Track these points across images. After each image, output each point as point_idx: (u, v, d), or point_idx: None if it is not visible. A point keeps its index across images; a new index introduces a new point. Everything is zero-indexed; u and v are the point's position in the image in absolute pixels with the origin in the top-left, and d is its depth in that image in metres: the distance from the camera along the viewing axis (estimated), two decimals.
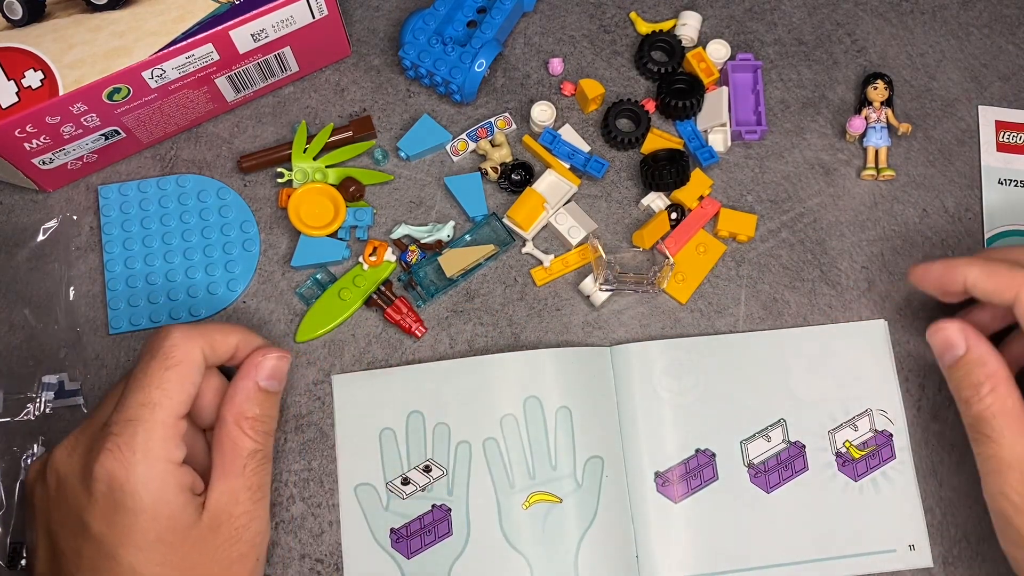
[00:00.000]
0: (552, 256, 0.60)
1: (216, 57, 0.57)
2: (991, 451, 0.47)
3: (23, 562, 0.54)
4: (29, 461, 0.56)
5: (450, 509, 0.55)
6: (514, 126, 0.63)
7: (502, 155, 0.61)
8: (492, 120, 0.63)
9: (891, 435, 0.57)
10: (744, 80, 0.63)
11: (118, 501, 0.44)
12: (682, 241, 0.60)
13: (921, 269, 0.51)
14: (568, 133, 0.62)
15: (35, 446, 0.56)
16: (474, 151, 0.62)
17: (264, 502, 0.48)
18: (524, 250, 0.60)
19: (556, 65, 0.64)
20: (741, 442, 0.56)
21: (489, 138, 0.62)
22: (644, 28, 0.65)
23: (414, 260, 0.59)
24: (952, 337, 0.48)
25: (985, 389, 0.47)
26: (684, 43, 0.64)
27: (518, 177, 0.61)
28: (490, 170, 0.61)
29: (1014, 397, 0.47)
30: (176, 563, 0.45)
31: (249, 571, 0.48)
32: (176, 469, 0.45)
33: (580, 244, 0.60)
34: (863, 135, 0.62)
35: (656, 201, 0.61)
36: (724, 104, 0.62)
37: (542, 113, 0.62)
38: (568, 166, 0.61)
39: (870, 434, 0.57)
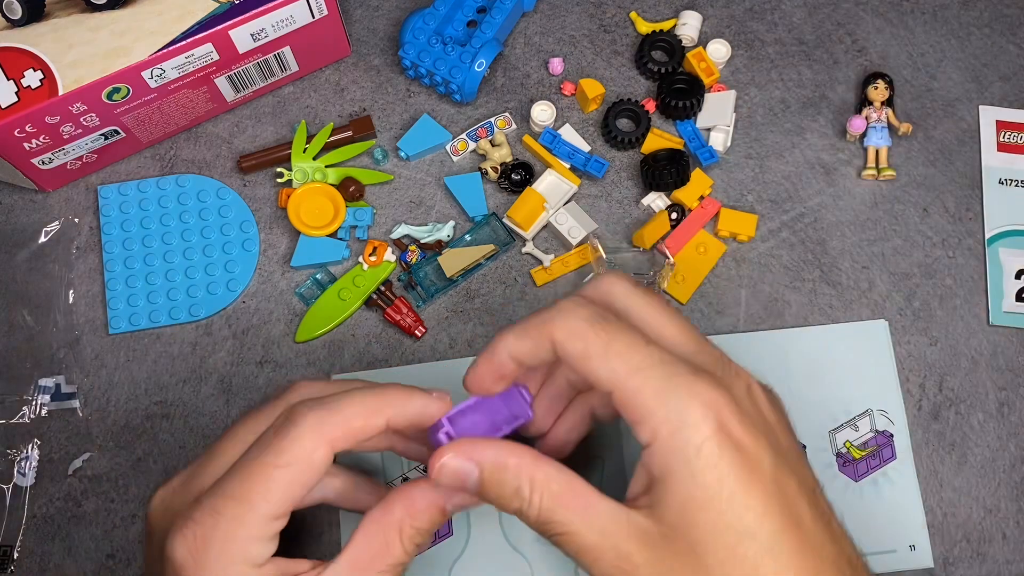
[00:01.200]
0: (552, 256, 0.60)
1: (216, 57, 0.57)
2: (575, 545, 0.39)
3: (12, 567, 0.54)
4: (23, 464, 0.56)
5: None
6: (514, 126, 0.63)
7: (502, 155, 0.61)
8: (492, 120, 0.62)
9: (892, 435, 0.57)
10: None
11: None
12: (682, 241, 0.60)
13: (472, 371, 0.43)
14: (568, 133, 0.62)
15: (29, 449, 0.56)
16: (474, 151, 0.62)
17: None
18: (524, 250, 0.60)
19: (556, 65, 0.64)
20: None
21: (489, 138, 0.62)
22: (644, 28, 0.65)
23: (414, 260, 0.59)
24: (452, 467, 0.40)
25: (526, 490, 0.39)
26: (684, 43, 0.64)
27: (518, 177, 0.61)
28: (490, 170, 0.61)
29: (560, 473, 0.40)
30: None
31: None
32: (255, 571, 0.40)
33: (580, 244, 0.60)
34: (864, 135, 0.62)
35: (656, 201, 0.61)
36: (726, 105, 0.62)
37: (542, 113, 0.62)
38: (568, 166, 0.61)
39: (871, 434, 0.57)
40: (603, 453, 0.55)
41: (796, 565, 0.37)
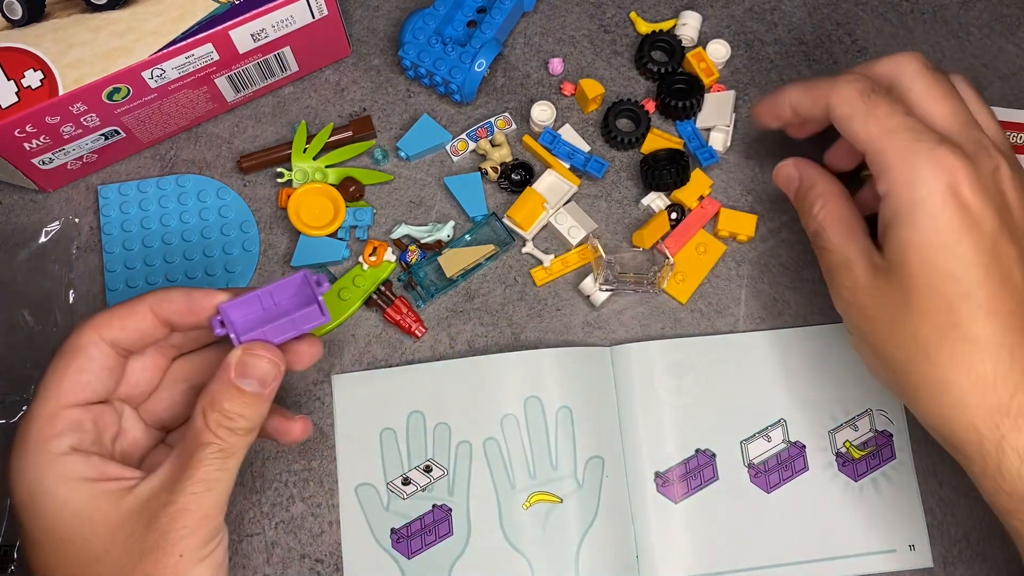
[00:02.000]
0: (552, 256, 0.60)
1: (216, 57, 0.57)
2: (826, 259, 0.49)
3: (12, 567, 0.54)
4: None
5: (451, 509, 0.55)
6: (514, 126, 0.63)
7: (502, 155, 0.61)
8: (492, 120, 0.62)
9: (891, 435, 0.57)
10: None
11: (10, 498, 0.43)
12: (682, 241, 0.60)
13: (757, 106, 0.54)
14: (568, 133, 0.62)
15: None
16: (474, 151, 0.62)
17: (208, 499, 0.43)
18: (524, 250, 0.60)
19: (556, 65, 0.64)
20: (741, 442, 0.56)
21: (489, 138, 0.62)
22: (644, 28, 0.65)
23: (414, 260, 0.59)
24: (787, 171, 0.53)
25: (817, 206, 0.50)
26: (684, 43, 0.64)
27: (518, 177, 0.61)
28: (490, 170, 0.61)
29: (844, 208, 0.49)
30: (77, 555, 0.42)
31: (167, 567, 0.42)
32: (57, 459, 0.42)
33: (580, 244, 0.60)
34: None
35: (656, 201, 0.61)
36: (726, 105, 0.62)
37: (542, 113, 0.62)
38: (568, 166, 0.61)
39: (870, 434, 0.57)
40: (603, 452, 0.55)
41: (991, 311, 0.43)
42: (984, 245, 0.43)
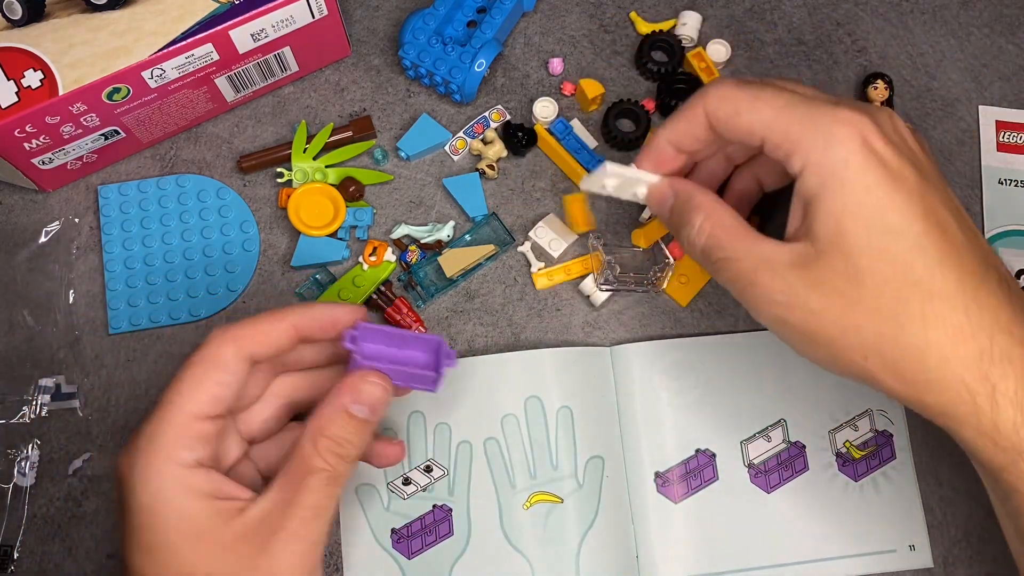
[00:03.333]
0: (543, 264, 0.60)
1: (216, 57, 0.57)
2: (734, 270, 0.44)
3: (12, 567, 0.54)
4: (23, 464, 0.56)
5: (451, 509, 0.55)
6: (508, 118, 0.63)
7: (496, 151, 0.61)
8: (486, 114, 0.62)
9: (891, 435, 0.57)
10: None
11: (124, 501, 0.43)
12: None
13: (637, 160, 0.49)
14: (578, 128, 0.62)
15: (29, 449, 0.56)
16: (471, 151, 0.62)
17: (316, 526, 0.43)
18: (520, 249, 0.60)
19: (556, 65, 0.64)
20: (741, 442, 0.56)
21: (480, 137, 0.62)
22: (644, 28, 0.65)
23: (414, 260, 0.59)
24: (660, 190, 0.48)
25: (700, 217, 0.45)
26: (684, 43, 0.64)
27: (523, 134, 0.61)
28: (487, 169, 0.61)
29: (729, 213, 0.45)
30: (184, 569, 0.42)
31: None
32: (184, 471, 0.42)
33: (560, 256, 0.60)
34: None
35: None
36: None
37: (544, 109, 0.62)
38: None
39: (870, 434, 0.57)
40: (604, 452, 0.55)
41: (943, 261, 0.40)
42: (915, 196, 0.41)
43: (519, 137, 0.61)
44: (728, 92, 0.44)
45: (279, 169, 0.61)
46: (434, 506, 0.55)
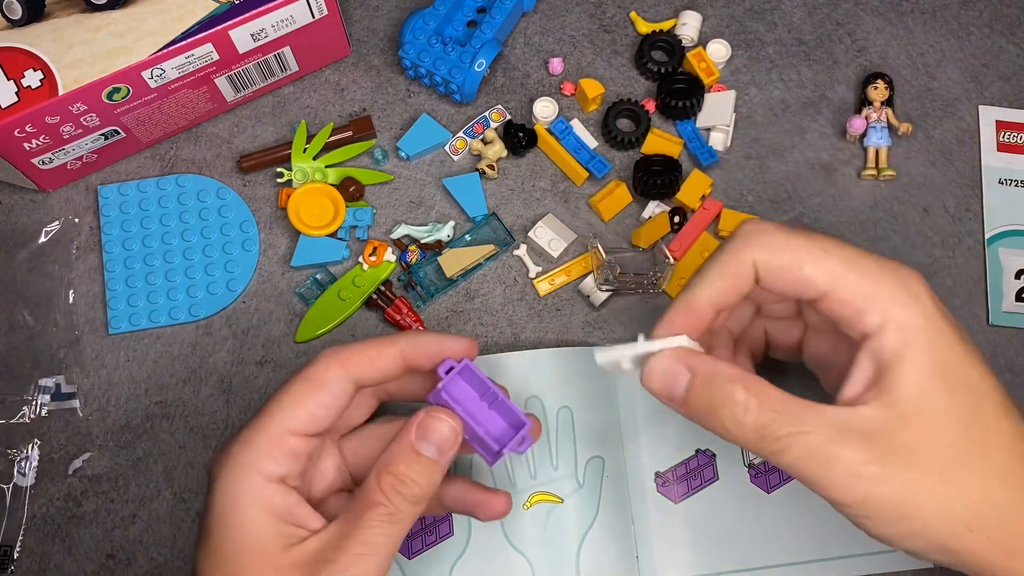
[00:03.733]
0: (539, 268, 0.60)
1: (216, 57, 0.57)
2: (805, 446, 0.38)
3: (12, 567, 0.54)
4: (23, 464, 0.56)
5: None
6: (508, 118, 0.63)
7: (496, 151, 0.61)
8: (486, 114, 0.62)
9: None
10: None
11: (206, 501, 0.43)
12: (687, 243, 0.60)
13: (661, 324, 0.43)
14: (578, 127, 0.62)
15: (29, 449, 0.56)
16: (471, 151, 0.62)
17: (369, 565, 0.41)
18: (516, 252, 0.60)
19: (556, 65, 0.64)
20: None
21: (480, 137, 0.62)
22: (644, 28, 0.65)
23: (414, 260, 0.59)
24: (665, 367, 0.41)
25: (740, 394, 0.39)
26: (684, 43, 0.64)
27: (522, 135, 0.61)
28: (487, 169, 0.61)
29: (772, 386, 0.40)
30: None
31: None
32: (264, 484, 0.42)
33: (560, 256, 0.60)
34: (863, 135, 0.62)
35: (657, 206, 0.61)
36: (726, 105, 0.62)
37: (544, 109, 0.62)
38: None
39: None
40: (604, 452, 0.55)
41: (1019, 419, 0.39)
42: (977, 353, 0.40)
43: (519, 137, 0.61)
44: (782, 241, 0.40)
45: (279, 169, 0.61)
46: None
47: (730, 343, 0.48)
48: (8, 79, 0.53)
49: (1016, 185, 0.62)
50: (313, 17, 0.58)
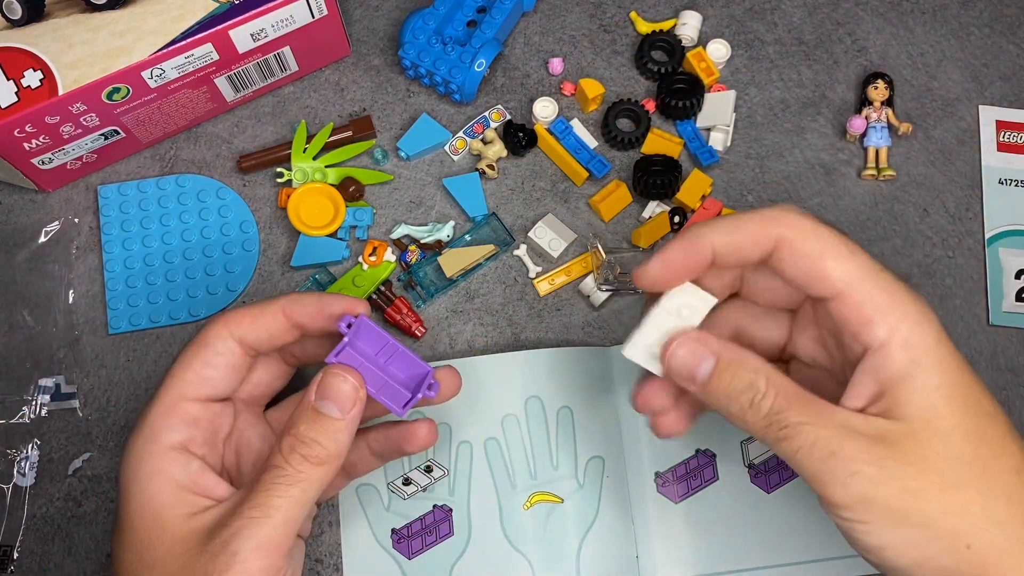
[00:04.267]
0: (539, 268, 0.60)
1: (216, 57, 0.57)
2: (811, 436, 0.38)
3: (12, 567, 0.54)
4: (23, 464, 0.56)
5: (451, 509, 0.55)
6: (508, 118, 0.63)
7: (496, 151, 0.61)
8: (486, 114, 0.62)
9: None
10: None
11: (119, 483, 0.43)
12: None
13: (656, 261, 0.41)
14: (578, 127, 0.62)
15: (29, 449, 0.56)
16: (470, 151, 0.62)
17: (270, 528, 0.40)
18: (516, 253, 0.60)
19: (556, 65, 0.64)
20: (741, 442, 0.56)
21: (480, 137, 0.62)
22: (644, 28, 0.65)
23: (414, 260, 0.59)
24: (688, 352, 0.41)
25: (762, 384, 0.39)
26: (684, 43, 0.64)
27: (522, 135, 0.61)
28: (487, 169, 0.61)
29: (791, 381, 0.40)
30: (142, 555, 0.41)
31: None
32: (162, 453, 0.42)
33: (560, 255, 0.60)
34: (863, 135, 0.62)
35: (657, 206, 0.61)
36: (726, 105, 0.62)
37: (544, 109, 0.62)
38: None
39: None
40: (604, 452, 0.55)
41: (1011, 431, 0.39)
42: (979, 379, 0.40)
43: (519, 137, 0.61)
44: (811, 229, 0.39)
45: (279, 169, 0.61)
46: (434, 506, 0.55)
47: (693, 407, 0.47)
48: (8, 79, 0.53)
49: (1016, 185, 0.62)
50: (313, 17, 0.58)
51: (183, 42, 0.55)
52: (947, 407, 0.38)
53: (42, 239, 0.60)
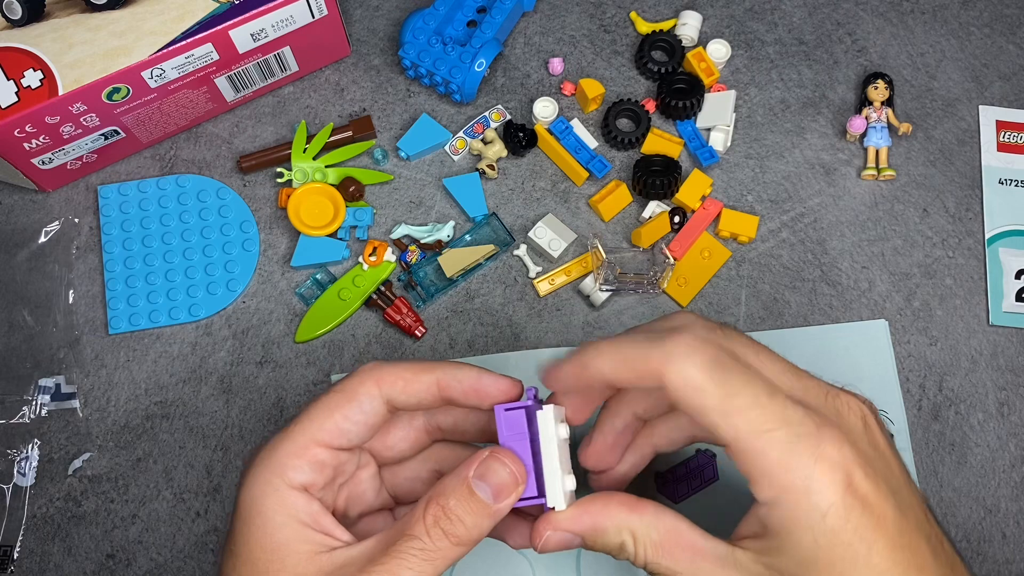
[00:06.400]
0: (539, 268, 0.60)
1: (216, 57, 0.57)
2: None
3: (12, 567, 0.54)
4: (23, 464, 0.56)
5: None
6: (508, 118, 0.63)
7: (496, 151, 0.61)
8: (486, 114, 0.62)
9: (892, 435, 0.57)
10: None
11: (234, 506, 0.42)
12: (687, 243, 0.60)
13: (552, 370, 0.43)
14: (578, 127, 0.62)
15: (29, 449, 0.56)
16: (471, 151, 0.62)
17: None
18: (516, 253, 0.60)
19: (556, 65, 0.64)
20: None
21: (480, 137, 0.62)
22: (644, 28, 0.65)
23: (414, 260, 0.59)
24: (558, 540, 0.42)
25: (630, 544, 0.40)
26: (684, 43, 0.64)
27: (522, 135, 0.61)
28: (487, 169, 0.61)
29: (659, 526, 0.40)
30: None
31: None
32: (287, 489, 0.41)
33: (561, 256, 0.60)
34: (863, 135, 0.62)
35: (657, 206, 0.61)
36: (726, 105, 0.62)
37: (544, 109, 0.62)
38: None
39: None
40: None
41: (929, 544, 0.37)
42: (895, 543, 0.37)
43: (519, 137, 0.61)
44: (695, 379, 0.37)
45: (279, 169, 0.61)
46: None
47: (627, 431, 0.46)
48: (8, 79, 0.53)
49: (1016, 185, 0.62)
50: (313, 17, 0.58)
51: (183, 42, 0.55)
52: (828, 572, 0.37)
53: (42, 239, 0.60)
